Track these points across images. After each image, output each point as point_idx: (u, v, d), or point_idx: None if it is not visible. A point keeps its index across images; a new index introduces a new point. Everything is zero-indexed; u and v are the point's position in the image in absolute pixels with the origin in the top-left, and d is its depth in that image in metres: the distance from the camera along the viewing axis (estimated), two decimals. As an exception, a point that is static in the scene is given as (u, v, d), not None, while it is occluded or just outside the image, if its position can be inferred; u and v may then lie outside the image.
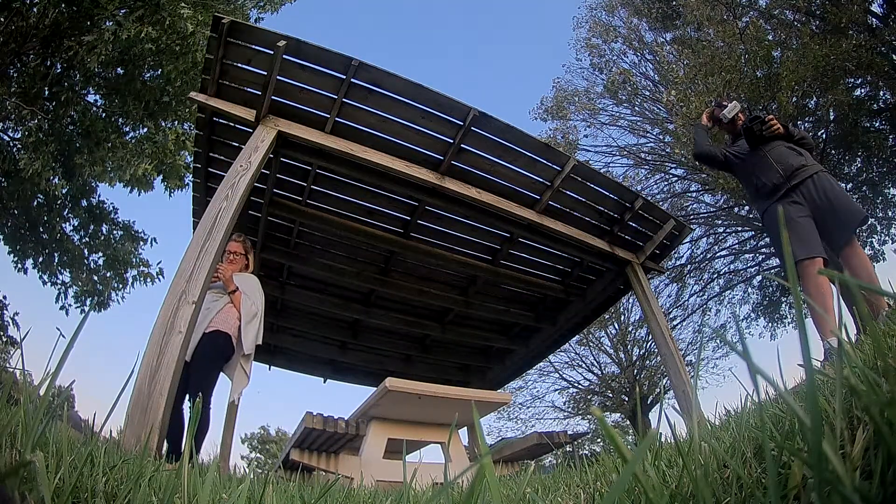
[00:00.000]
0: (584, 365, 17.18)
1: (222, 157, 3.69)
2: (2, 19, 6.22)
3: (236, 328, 2.94)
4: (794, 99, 8.70)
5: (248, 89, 3.18)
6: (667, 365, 4.09)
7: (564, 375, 17.07)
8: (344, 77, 3.14)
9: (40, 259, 8.07)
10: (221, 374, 2.91)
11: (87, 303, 8.27)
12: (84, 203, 8.23)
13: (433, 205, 4.15)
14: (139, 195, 7.56)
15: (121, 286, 8.52)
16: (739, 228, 13.43)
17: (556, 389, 17.15)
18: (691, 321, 14.83)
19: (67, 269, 8.25)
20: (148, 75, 6.96)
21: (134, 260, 8.58)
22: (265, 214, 4.13)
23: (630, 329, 16.17)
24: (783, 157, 2.86)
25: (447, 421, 3.59)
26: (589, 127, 14.90)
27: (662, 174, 14.17)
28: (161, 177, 7.59)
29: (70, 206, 8.08)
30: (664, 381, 14.01)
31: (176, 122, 7.59)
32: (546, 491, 1.06)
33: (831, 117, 9.55)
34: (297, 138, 3.28)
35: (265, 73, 3.03)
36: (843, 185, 11.34)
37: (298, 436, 3.43)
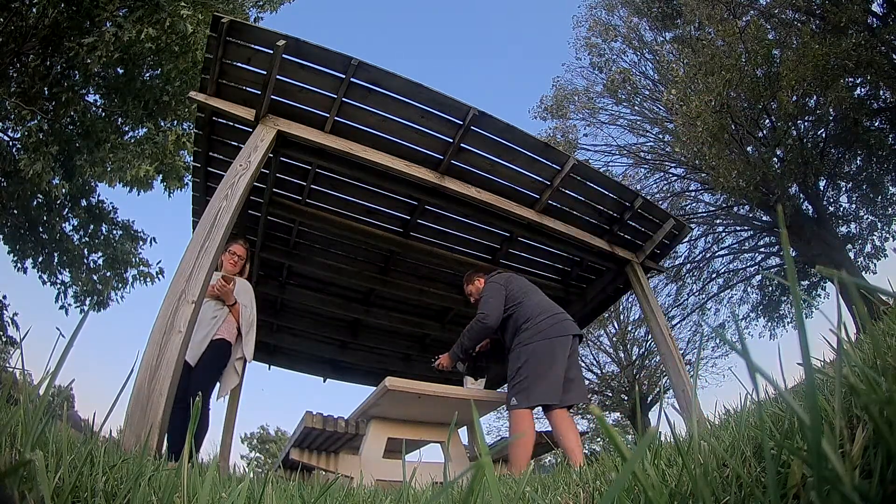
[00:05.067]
0: (583, 364, 17.19)
1: (222, 157, 3.69)
2: (1, 20, 6.21)
3: (235, 336, 3.14)
4: (795, 98, 8.70)
5: (248, 89, 3.18)
6: (666, 364, 4.10)
7: (564, 375, 17.04)
8: (343, 76, 3.14)
9: (40, 259, 8.07)
10: None
11: (87, 302, 8.27)
12: (83, 203, 8.23)
13: (433, 204, 4.14)
14: (138, 195, 7.55)
15: (120, 286, 8.52)
16: (738, 228, 13.44)
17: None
18: (690, 320, 14.86)
19: (67, 269, 8.25)
20: (147, 75, 6.96)
21: (134, 259, 8.58)
22: (265, 214, 4.13)
23: (629, 328, 16.19)
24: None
25: (447, 420, 3.59)
26: (588, 126, 14.92)
27: (662, 173, 14.18)
28: (161, 177, 7.59)
29: (69, 205, 8.08)
30: (664, 381, 14.02)
31: (175, 122, 7.59)
32: (546, 490, 1.06)
33: (831, 116, 9.55)
34: (297, 138, 3.28)
35: (265, 73, 3.03)
36: (844, 183, 11.36)
37: (298, 435, 3.43)
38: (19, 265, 8.01)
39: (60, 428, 0.80)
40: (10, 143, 7.13)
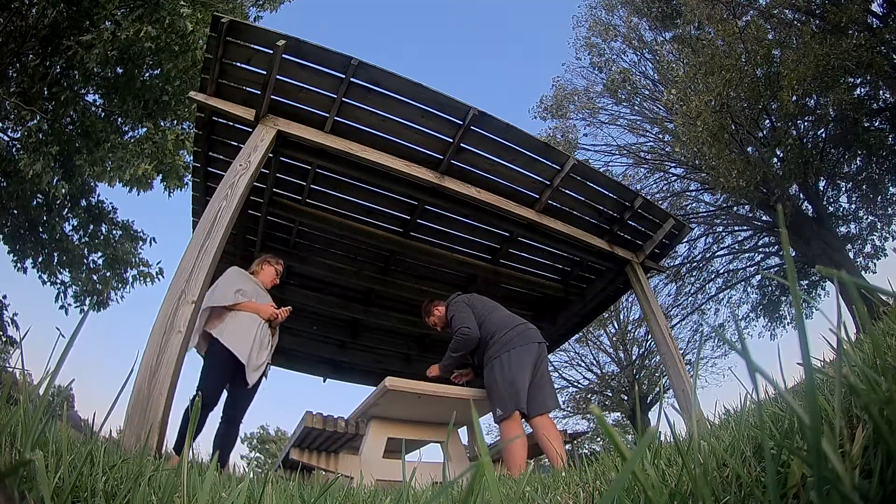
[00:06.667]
0: (583, 364, 17.21)
1: (222, 157, 3.69)
2: (1, 20, 6.21)
3: None
4: (795, 98, 8.70)
5: (248, 88, 3.18)
6: (666, 364, 4.10)
7: (564, 374, 17.10)
8: (343, 76, 3.14)
9: (40, 259, 8.06)
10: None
11: (87, 302, 8.26)
12: (83, 203, 8.22)
13: (433, 204, 4.14)
14: (138, 195, 7.54)
15: (120, 286, 8.51)
16: (738, 228, 13.44)
17: (556, 388, 17.14)
18: (690, 320, 14.86)
19: (67, 269, 8.25)
20: (147, 74, 6.95)
21: (133, 259, 8.58)
22: (265, 214, 4.13)
23: (629, 328, 16.19)
24: None
25: (447, 420, 3.59)
26: (588, 126, 14.93)
27: (662, 173, 14.18)
28: (160, 177, 7.58)
29: (69, 205, 8.07)
30: (663, 380, 14.01)
31: (175, 122, 7.58)
32: (546, 490, 1.06)
33: (831, 116, 9.55)
34: (297, 137, 3.28)
35: (264, 73, 3.03)
36: (843, 183, 11.37)
37: (298, 435, 3.43)
38: (19, 265, 8.01)
39: (60, 428, 0.80)
40: (10, 143, 7.12)
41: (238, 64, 3.07)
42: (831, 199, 11.44)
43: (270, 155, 3.31)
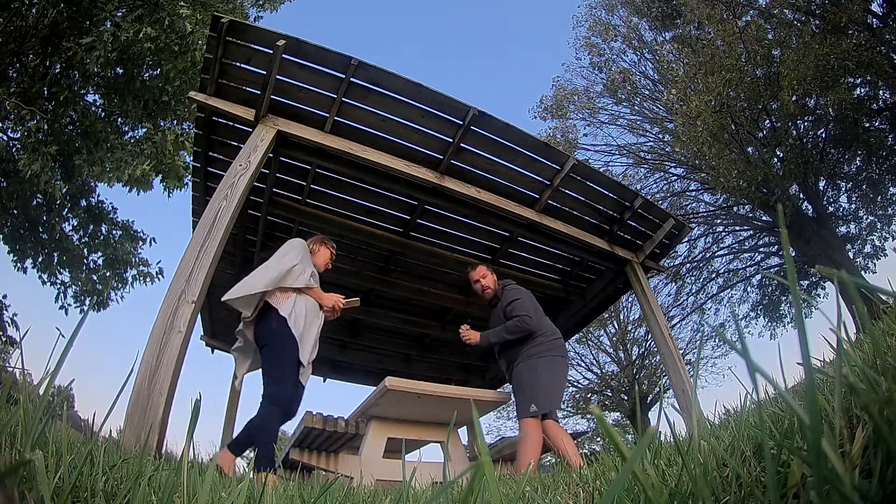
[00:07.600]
0: (583, 364, 17.20)
1: (222, 157, 3.69)
2: (1, 20, 6.21)
3: None
4: (795, 98, 8.69)
5: (248, 88, 3.18)
6: (666, 364, 4.10)
7: (564, 374, 17.04)
8: (343, 76, 3.14)
9: (40, 259, 8.06)
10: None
11: (87, 302, 8.26)
12: (83, 203, 8.22)
13: (433, 204, 4.14)
14: (138, 195, 7.54)
15: (120, 286, 8.51)
16: (738, 228, 13.44)
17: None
18: (690, 320, 14.86)
19: (67, 269, 8.24)
20: (147, 75, 6.95)
21: (133, 259, 8.58)
22: (265, 214, 4.13)
23: (629, 328, 16.18)
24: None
25: (447, 420, 3.59)
26: (588, 126, 14.92)
27: (662, 173, 14.17)
28: (160, 177, 7.58)
29: (69, 205, 8.07)
30: (663, 380, 14.02)
31: (175, 122, 7.58)
32: (546, 490, 1.06)
33: (831, 116, 9.55)
34: (297, 137, 3.28)
35: (264, 73, 3.03)
36: (843, 183, 11.38)
37: (298, 435, 3.43)
38: (19, 265, 8.00)
39: (60, 428, 0.80)
40: (10, 143, 7.12)
41: (238, 64, 3.07)
42: (831, 199, 11.44)
43: (270, 155, 3.32)
